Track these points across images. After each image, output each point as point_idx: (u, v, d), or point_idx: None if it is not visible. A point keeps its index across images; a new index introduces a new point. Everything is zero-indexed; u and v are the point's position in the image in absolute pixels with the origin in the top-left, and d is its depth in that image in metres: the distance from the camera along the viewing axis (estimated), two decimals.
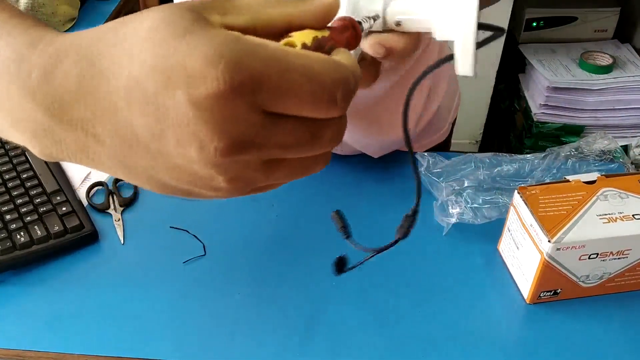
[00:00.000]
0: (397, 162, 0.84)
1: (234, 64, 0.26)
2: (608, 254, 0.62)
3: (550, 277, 0.63)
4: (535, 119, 1.69)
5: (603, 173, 0.69)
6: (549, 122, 1.69)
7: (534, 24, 1.79)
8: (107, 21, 1.44)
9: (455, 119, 0.98)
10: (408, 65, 0.77)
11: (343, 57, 0.31)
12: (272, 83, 0.27)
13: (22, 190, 0.75)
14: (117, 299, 0.65)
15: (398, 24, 0.37)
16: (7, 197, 0.74)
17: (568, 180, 0.67)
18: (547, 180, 0.76)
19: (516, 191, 0.66)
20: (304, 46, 0.30)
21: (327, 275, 0.68)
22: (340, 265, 0.51)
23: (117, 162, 0.30)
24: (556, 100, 1.66)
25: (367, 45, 0.37)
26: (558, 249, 0.61)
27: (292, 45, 0.30)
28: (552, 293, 0.65)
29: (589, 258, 0.62)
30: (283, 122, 0.28)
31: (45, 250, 0.69)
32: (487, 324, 0.64)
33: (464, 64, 0.36)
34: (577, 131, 1.68)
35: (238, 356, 0.60)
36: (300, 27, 0.31)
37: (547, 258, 0.61)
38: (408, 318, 0.63)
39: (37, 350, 0.61)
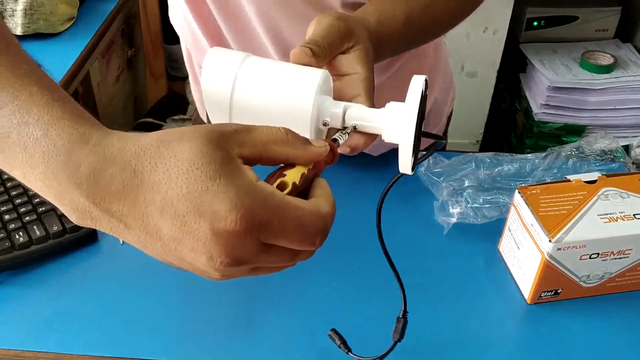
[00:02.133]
0: (397, 161, 0.84)
1: (250, 213, 0.35)
2: (609, 253, 0.62)
3: (551, 277, 0.63)
4: (536, 119, 1.69)
5: (604, 173, 0.69)
6: (550, 122, 1.68)
7: (535, 23, 1.78)
8: (105, 20, 1.44)
9: (451, 114, 0.98)
10: (402, 60, 0.78)
11: (324, 196, 0.40)
12: (273, 228, 0.36)
13: (20, 190, 0.74)
14: (116, 299, 0.65)
15: (354, 127, 0.47)
16: (6, 197, 0.74)
17: (569, 180, 0.67)
18: (548, 180, 0.76)
19: (517, 191, 0.66)
20: (294, 185, 0.39)
21: (327, 275, 0.68)
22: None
23: (138, 243, 0.38)
24: (557, 100, 1.66)
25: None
26: (559, 249, 0.60)
27: (285, 185, 0.39)
28: (552, 293, 0.65)
29: (589, 258, 0.62)
30: (273, 249, 0.38)
31: (44, 250, 0.69)
32: (487, 324, 0.63)
33: (403, 163, 0.45)
34: (578, 131, 1.68)
35: (238, 356, 0.60)
36: (294, 162, 0.40)
37: (547, 258, 0.61)
38: (408, 318, 0.63)
39: (36, 350, 0.60)
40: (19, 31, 1.29)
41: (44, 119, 0.37)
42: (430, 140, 0.94)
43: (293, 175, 0.39)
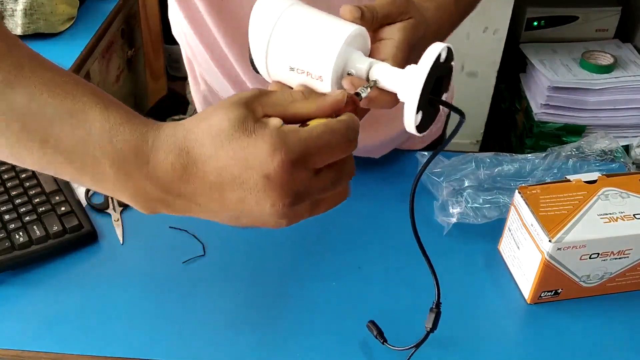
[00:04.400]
0: (398, 161, 0.84)
1: (289, 149, 0.40)
2: (609, 253, 0.62)
3: (551, 277, 0.63)
4: (536, 119, 1.69)
5: (604, 173, 0.69)
6: (550, 122, 1.68)
7: (535, 23, 1.78)
8: (105, 20, 1.44)
9: (450, 113, 0.98)
10: None
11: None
12: (314, 151, 0.41)
13: (20, 190, 0.74)
14: (116, 299, 0.65)
15: (375, 82, 0.50)
16: (6, 197, 0.74)
17: (569, 180, 0.67)
18: (548, 180, 0.76)
19: (517, 191, 0.66)
20: None
21: (327, 275, 0.68)
22: None
23: (209, 214, 0.44)
24: (557, 100, 1.66)
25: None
26: (559, 249, 0.60)
27: None
28: (552, 293, 0.65)
29: (589, 258, 0.62)
30: (322, 172, 0.42)
31: (44, 250, 0.69)
32: (487, 324, 0.63)
33: (407, 122, 0.48)
34: (578, 131, 1.68)
35: (238, 356, 0.60)
36: (316, 116, 0.44)
37: (547, 258, 0.61)
38: (408, 318, 0.63)
39: (36, 350, 0.60)
40: (19, 31, 1.29)
41: (104, 127, 0.42)
42: (433, 139, 0.94)
43: (315, 124, 0.43)
